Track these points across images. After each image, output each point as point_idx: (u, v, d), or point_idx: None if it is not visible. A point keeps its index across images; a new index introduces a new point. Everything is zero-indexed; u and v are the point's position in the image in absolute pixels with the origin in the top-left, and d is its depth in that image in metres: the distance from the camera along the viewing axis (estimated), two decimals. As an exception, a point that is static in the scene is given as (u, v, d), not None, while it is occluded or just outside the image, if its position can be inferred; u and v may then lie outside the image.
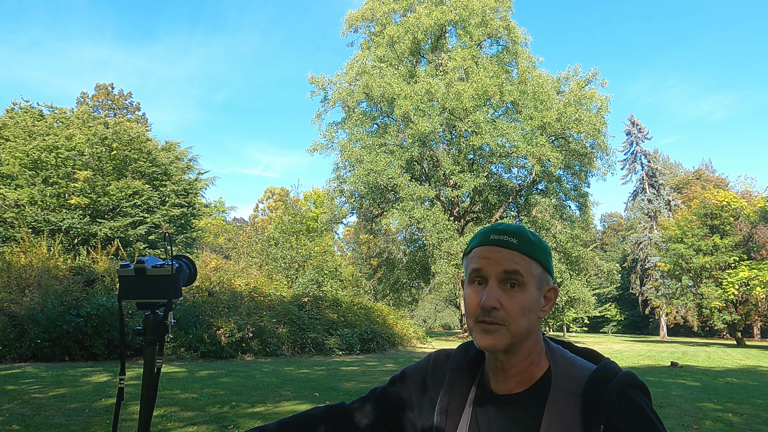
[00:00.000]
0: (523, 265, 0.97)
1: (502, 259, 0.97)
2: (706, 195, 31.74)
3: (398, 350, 17.45)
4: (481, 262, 0.99)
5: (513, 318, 0.95)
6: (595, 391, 0.92)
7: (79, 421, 5.12)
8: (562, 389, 0.95)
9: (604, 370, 0.96)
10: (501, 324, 0.95)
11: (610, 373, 0.94)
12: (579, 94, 26.71)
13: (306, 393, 7.36)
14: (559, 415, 0.92)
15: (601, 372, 0.95)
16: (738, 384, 10.18)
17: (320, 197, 42.18)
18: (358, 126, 28.48)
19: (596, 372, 0.96)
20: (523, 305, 0.96)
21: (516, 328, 0.96)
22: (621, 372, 0.95)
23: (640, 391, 0.95)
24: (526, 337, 0.98)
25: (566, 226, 27.28)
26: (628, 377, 0.94)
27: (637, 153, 53.33)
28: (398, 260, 31.79)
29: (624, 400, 0.91)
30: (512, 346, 0.97)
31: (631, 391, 0.93)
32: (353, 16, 31.03)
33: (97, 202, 21.04)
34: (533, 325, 0.99)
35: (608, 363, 0.99)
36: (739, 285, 28.17)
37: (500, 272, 0.97)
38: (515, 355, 0.99)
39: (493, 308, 0.95)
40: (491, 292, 0.96)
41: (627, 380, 0.93)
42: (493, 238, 1.00)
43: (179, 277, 1.19)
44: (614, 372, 0.95)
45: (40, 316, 10.13)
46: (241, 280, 15.68)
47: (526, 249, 0.99)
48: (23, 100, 23.60)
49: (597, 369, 0.97)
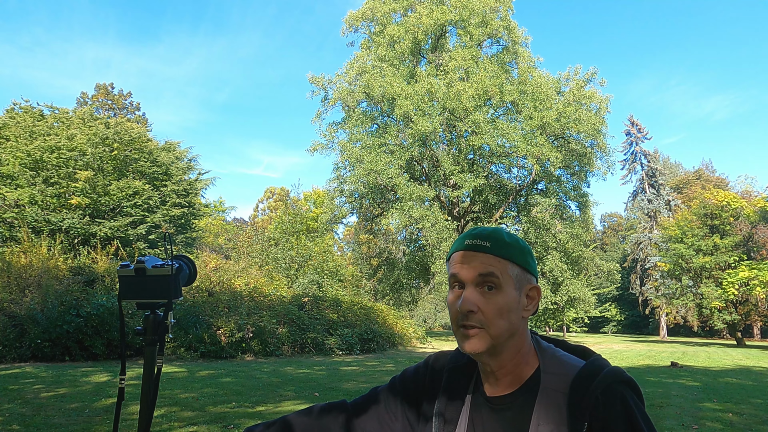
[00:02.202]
0: (498, 267, 0.99)
1: (477, 263, 0.99)
2: (706, 195, 31.74)
3: (398, 350, 17.45)
4: (456, 268, 1.00)
5: (491, 320, 0.96)
6: (581, 387, 0.92)
7: (79, 421, 5.12)
8: (550, 388, 0.95)
9: (591, 366, 0.96)
10: (480, 327, 0.97)
11: (597, 369, 0.94)
12: (579, 94, 26.71)
13: (306, 393, 7.36)
14: (548, 414, 0.93)
15: (587, 368, 0.95)
16: (738, 384, 10.18)
17: (320, 197, 42.17)
18: (358, 126, 28.46)
19: (583, 369, 0.96)
20: (500, 307, 0.97)
21: (495, 330, 0.97)
22: (608, 368, 0.95)
23: (628, 387, 0.94)
24: (508, 338, 0.99)
25: (566, 226, 27.29)
26: (614, 373, 0.94)
27: (636, 153, 53.33)
28: (398, 260, 31.77)
29: (609, 396, 0.90)
30: (494, 347, 0.98)
31: (617, 386, 0.92)
32: (353, 15, 31.03)
33: (98, 202, 21.04)
34: (515, 326, 0.99)
35: (597, 359, 0.99)
36: (739, 285, 28.17)
37: (475, 276, 0.98)
38: (500, 357, 1.00)
39: (470, 311, 0.96)
40: (467, 296, 0.97)
41: (613, 376, 0.93)
42: (467, 243, 1.01)
43: (179, 277, 1.20)
44: (601, 368, 0.94)
45: (40, 316, 10.13)
46: (241, 280, 15.68)
47: (501, 251, 1.00)
48: (23, 100, 23.64)
49: (584, 366, 0.97)
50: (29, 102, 23.67)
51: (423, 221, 25.19)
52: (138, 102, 45.88)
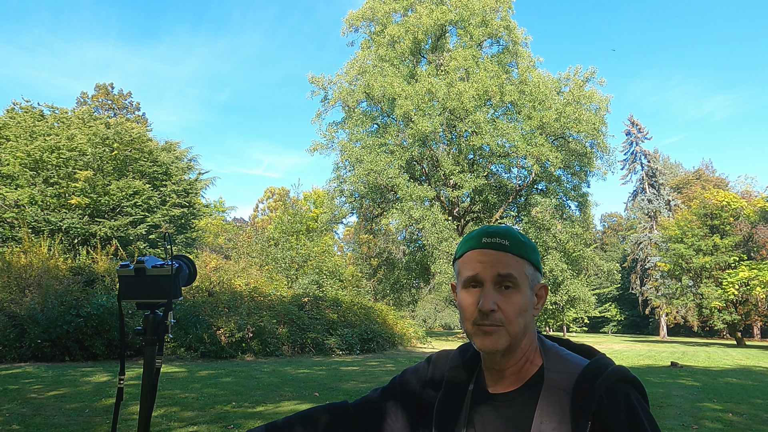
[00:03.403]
0: (516, 266, 0.99)
1: (496, 262, 0.98)
2: (706, 195, 31.74)
3: (398, 350, 17.45)
4: (475, 266, 0.99)
5: (511, 319, 0.97)
6: (584, 386, 0.91)
7: (79, 421, 5.12)
8: (554, 386, 0.95)
9: (595, 365, 0.95)
10: (500, 325, 0.97)
11: (601, 368, 0.94)
12: (578, 94, 26.72)
13: (306, 393, 7.36)
14: (551, 412, 0.92)
15: (591, 367, 0.95)
16: (738, 384, 10.17)
17: (320, 197, 42.16)
18: (358, 126, 28.46)
19: (587, 367, 0.95)
20: (518, 306, 0.97)
21: (514, 329, 0.97)
22: (612, 367, 0.94)
23: (632, 386, 0.93)
24: (522, 337, 0.99)
25: (566, 226, 27.30)
26: (618, 372, 0.93)
27: (636, 153, 53.34)
28: (398, 260, 31.78)
29: (612, 395, 0.90)
30: (511, 346, 0.98)
31: (621, 385, 0.92)
32: (354, 15, 31.03)
33: (98, 202, 21.04)
34: (529, 324, 1.00)
35: (601, 359, 0.98)
36: (739, 285, 28.16)
37: (495, 275, 0.98)
38: (513, 354, 1.00)
39: (491, 311, 0.96)
40: (488, 295, 0.97)
41: (617, 375, 0.92)
42: (485, 241, 1.00)
43: (179, 277, 1.20)
44: (605, 367, 0.94)
45: (40, 316, 10.13)
46: (241, 280, 15.68)
47: (518, 250, 1.00)
48: (23, 100, 23.65)
49: (588, 364, 0.96)
50: (29, 102, 23.71)
51: (423, 221, 25.19)
52: (138, 102, 45.95)
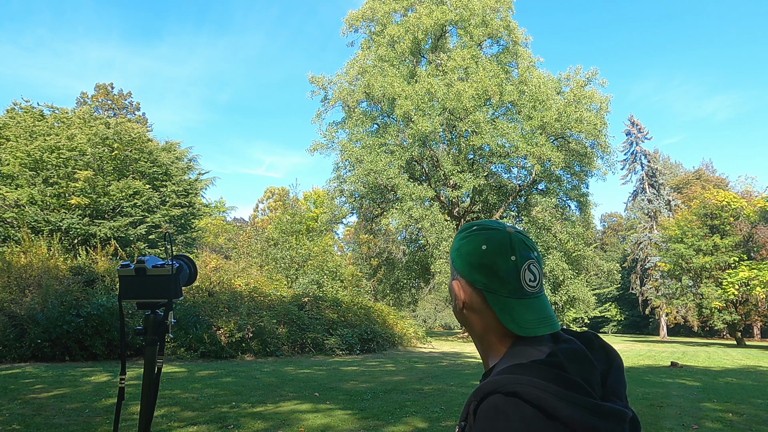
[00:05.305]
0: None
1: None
2: (706, 195, 31.74)
3: (398, 350, 17.45)
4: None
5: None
6: (475, 391, 0.88)
7: (79, 421, 5.12)
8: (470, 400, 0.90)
9: (492, 377, 0.88)
10: None
11: (494, 377, 0.86)
12: (579, 94, 26.72)
13: (306, 393, 7.36)
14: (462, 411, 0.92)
15: (484, 380, 0.89)
16: (738, 384, 10.18)
17: (320, 197, 42.16)
18: (358, 126, 28.46)
19: (493, 375, 0.89)
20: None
21: None
22: (504, 376, 0.85)
23: (508, 400, 0.82)
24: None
25: (566, 226, 27.30)
26: (497, 383, 0.84)
27: (637, 153, 53.32)
28: (398, 260, 31.77)
29: (480, 403, 0.85)
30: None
31: (492, 397, 0.83)
32: (353, 15, 31.02)
33: (98, 202, 21.03)
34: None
35: (505, 369, 0.88)
36: (739, 285, 28.16)
37: None
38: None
39: None
40: None
41: (494, 385, 0.84)
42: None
43: (179, 277, 1.20)
44: (492, 380, 0.86)
45: (40, 316, 10.13)
46: (241, 280, 15.68)
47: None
48: (23, 100, 23.64)
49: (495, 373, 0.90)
50: (29, 102, 23.70)
51: (423, 221, 25.20)
52: (138, 102, 45.97)
